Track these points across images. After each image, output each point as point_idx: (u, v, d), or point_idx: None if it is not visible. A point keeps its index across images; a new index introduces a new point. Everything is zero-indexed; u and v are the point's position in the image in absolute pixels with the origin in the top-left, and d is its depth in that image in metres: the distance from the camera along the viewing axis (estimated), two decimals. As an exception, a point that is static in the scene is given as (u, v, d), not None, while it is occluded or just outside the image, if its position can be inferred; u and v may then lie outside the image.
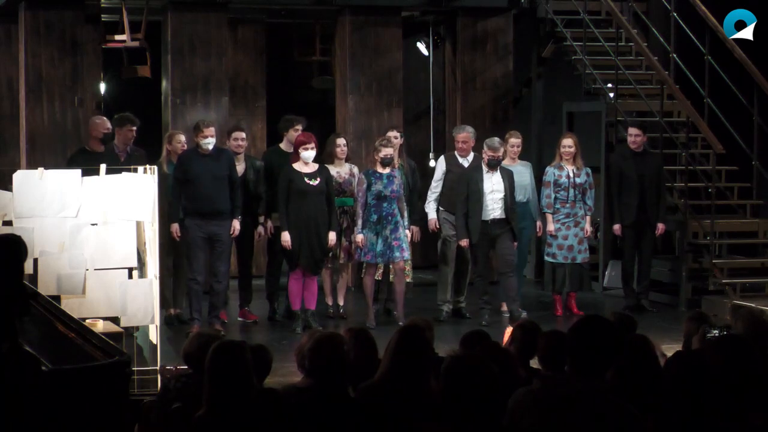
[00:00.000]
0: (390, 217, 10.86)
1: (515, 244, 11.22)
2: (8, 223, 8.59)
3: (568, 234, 11.66)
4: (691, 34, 12.89)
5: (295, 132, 11.28)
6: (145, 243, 8.99)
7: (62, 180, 8.67)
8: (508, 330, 8.96)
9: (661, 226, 11.83)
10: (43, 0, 12.72)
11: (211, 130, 10.64)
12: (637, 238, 11.91)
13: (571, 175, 11.63)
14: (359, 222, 10.87)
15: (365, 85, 13.64)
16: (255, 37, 14.54)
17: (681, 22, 12.98)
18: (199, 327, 10.08)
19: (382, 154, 10.89)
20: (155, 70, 13.35)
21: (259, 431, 5.01)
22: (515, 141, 11.76)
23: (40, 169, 8.75)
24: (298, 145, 10.77)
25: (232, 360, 5.09)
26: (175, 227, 10.53)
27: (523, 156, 12.04)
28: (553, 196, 11.62)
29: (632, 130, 12.00)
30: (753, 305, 9.21)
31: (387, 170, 10.94)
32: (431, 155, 14.92)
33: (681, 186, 12.68)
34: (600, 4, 13.97)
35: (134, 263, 8.82)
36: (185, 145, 11.00)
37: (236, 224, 10.61)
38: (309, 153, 10.71)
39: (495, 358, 5.20)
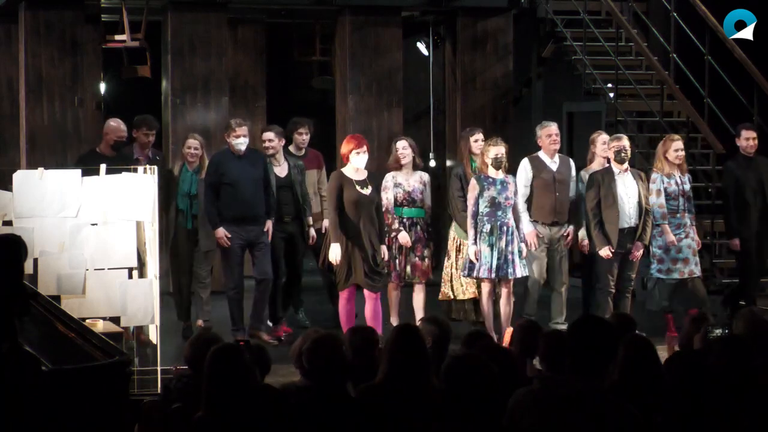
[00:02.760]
0: (505, 227, 9.87)
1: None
2: (8, 223, 8.58)
3: (681, 246, 10.36)
4: (691, 34, 12.89)
5: (299, 135, 10.91)
6: (145, 243, 8.98)
7: (62, 180, 8.67)
8: (509, 331, 8.97)
9: None
10: (43, 0, 12.71)
11: (244, 130, 10.05)
12: (760, 249, 10.91)
13: (680, 182, 10.42)
14: (471, 233, 9.82)
15: (365, 85, 13.63)
16: (255, 37, 14.53)
17: (681, 22, 12.97)
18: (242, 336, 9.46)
19: (492, 155, 9.86)
20: (155, 70, 13.34)
21: (259, 432, 5.01)
22: (605, 137, 10.68)
23: (40, 169, 8.74)
24: (348, 147, 9.77)
25: (229, 363, 5.09)
26: (222, 231, 9.88)
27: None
28: (665, 205, 10.32)
29: (747, 133, 10.91)
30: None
31: (500, 174, 9.90)
32: (431, 155, 14.93)
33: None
34: (600, 4, 13.97)
35: (134, 263, 8.81)
36: (197, 150, 10.31)
37: (269, 224, 10.01)
38: (361, 158, 9.67)
39: (495, 358, 5.20)
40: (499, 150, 9.84)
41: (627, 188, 10.17)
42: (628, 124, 13.07)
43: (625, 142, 10.23)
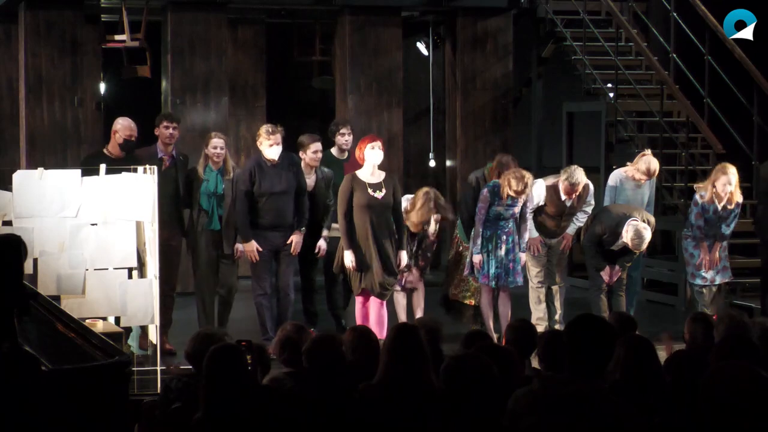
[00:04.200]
0: (505, 236, 9.83)
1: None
2: (8, 223, 8.57)
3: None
4: (690, 34, 12.91)
5: (342, 137, 10.68)
6: (144, 243, 8.98)
7: (62, 180, 8.66)
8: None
9: None
10: (43, 0, 12.72)
11: (278, 137, 9.56)
12: None
13: (719, 210, 10.39)
14: (478, 241, 9.79)
15: (365, 85, 13.64)
16: (255, 37, 14.54)
17: (681, 22, 12.99)
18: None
19: (514, 188, 9.65)
20: (155, 70, 13.35)
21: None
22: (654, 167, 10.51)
23: (40, 169, 8.73)
24: (363, 146, 9.54)
25: (228, 363, 5.09)
26: (254, 245, 9.54)
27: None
28: (703, 227, 10.39)
29: None
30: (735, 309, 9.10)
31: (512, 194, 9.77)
32: (431, 155, 14.94)
33: (681, 186, 12.68)
34: (600, 4, 13.98)
35: (134, 263, 8.81)
36: (222, 150, 9.80)
37: (296, 238, 9.65)
38: (377, 153, 9.48)
39: (494, 358, 5.20)
40: (521, 185, 9.62)
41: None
42: (628, 124, 13.09)
43: (649, 227, 9.99)
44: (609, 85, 13.51)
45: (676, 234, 12.66)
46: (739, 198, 10.44)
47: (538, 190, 10.20)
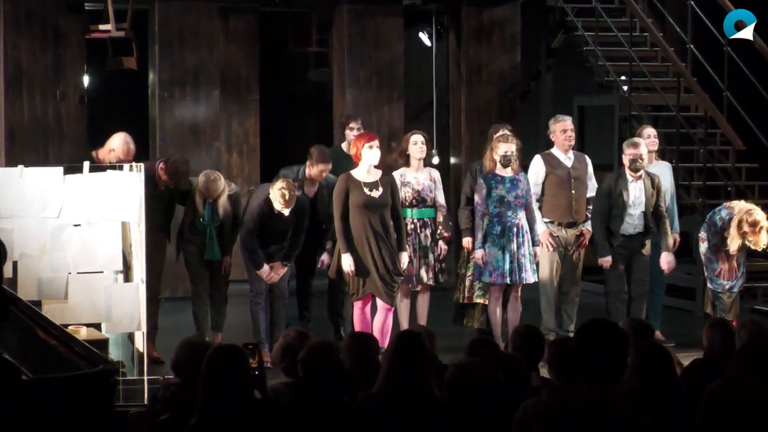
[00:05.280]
0: (515, 229, 9.82)
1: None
2: (-14, 224, 8.60)
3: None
4: (709, 24, 12.91)
5: (351, 131, 10.74)
6: (131, 245, 8.99)
7: (43, 178, 8.66)
8: None
9: None
10: (23, -12, 12.75)
11: (293, 201, 9.62)
12: None
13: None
14: (479, 235, 9.79)
15: (365, 78, 13.65)
16: (247, 27, 14.55)
17: (699, 11, 12.99)
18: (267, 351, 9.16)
19: (501, 152, 9.82)
20: (142, 62, 13.35)
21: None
22: (650, 131, 10.79)
23: (20, 167, 8.74)
24: (359, 144, 9.58)
25: (227, 366, 5.10)
26: (267, 270, 9.79)
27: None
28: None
29: None
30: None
31: (509, 172, 9.86)
32: (434, 151, 14.93)
33: (699, 185, 12.69)
34: (613, -8, 14.02)
35: (119, 266, 8.82)
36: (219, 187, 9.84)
37: (278, 269, 9.85)
38: (374, 153, 9.50)
39: (500, 366, 5.21)
40: (509, 147, 9.81)
41: (636, 197, 10.15)
42: (643, 119, 13.09)
43: (642, 149, 10.13)
44: (622, 77, 13.53)
45: (694, 235, 12.68)
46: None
47: (532, 170, 10.29)
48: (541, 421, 4.63)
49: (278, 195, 9.59)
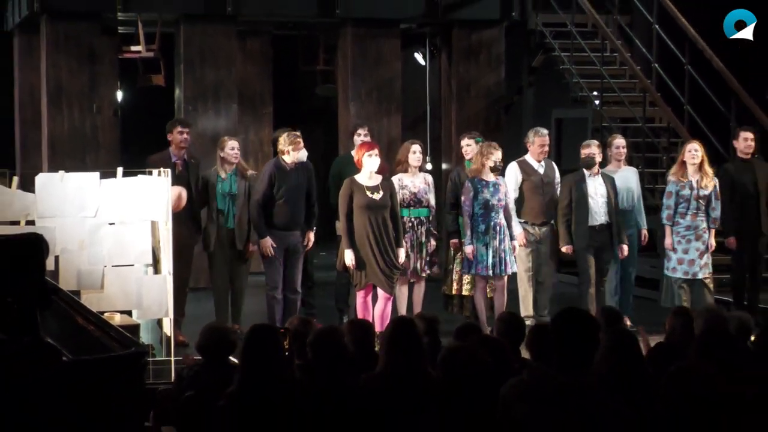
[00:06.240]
0: (498, 227, 9.96)
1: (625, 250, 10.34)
2: (31, 222, 8.60)
3: (688, 248, 10.31)
4: (672, 46, 12.94)
5: (358, 137, 10.62)
6: (159, 241, 9.00)
7: (82, 182, 8.68)
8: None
9: None
10: (63, 13, 12.73)
11: (301, 142, 9.75)
12: (754, 250, 10.78)
13: (695, 186, 10.25)
14: (468, 233, 9.89)
15: (366, 93, 13.65)
16: (262, 48, 14.56)
17: (662, 34, 13.03)
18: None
19: (494, 159, 9.92)
20: (168, 79, 13.37)
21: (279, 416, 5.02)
22: (620, 142, 10.78)
23: (61, 172, 8.76)
24: (360, 153, 9.65)
25: (267, 343, 5.11)
26: (269, 242, 9.67)
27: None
28: (673, 208, 10.30)
29: (745, 134, 10.68)
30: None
31: (492, 177, 9.97)
32: (428, 159, 14.94)
33: (662, 188, 12.67)
34: (586, 17, 14.00)
35: (149, 260, 8.83)
36: (239, 151, 10.01)
37: (311, 236, 9.91)
38: (374, 161, 9.56)
39: (487, 349, 5.22)
40: (499, 156, 9.94)
41: (596, 189, 10.26)
42: (613, 130, 13.10)
43: (594, 149, 10.31)
44: (595, 93, 13.55)
45: (657, 233, 12.68)
46: (712, 180, 10.28)
47: (510, 177, 10.36)
48: (523, 401, 4.62)
49: (287, 141, 9.70)
